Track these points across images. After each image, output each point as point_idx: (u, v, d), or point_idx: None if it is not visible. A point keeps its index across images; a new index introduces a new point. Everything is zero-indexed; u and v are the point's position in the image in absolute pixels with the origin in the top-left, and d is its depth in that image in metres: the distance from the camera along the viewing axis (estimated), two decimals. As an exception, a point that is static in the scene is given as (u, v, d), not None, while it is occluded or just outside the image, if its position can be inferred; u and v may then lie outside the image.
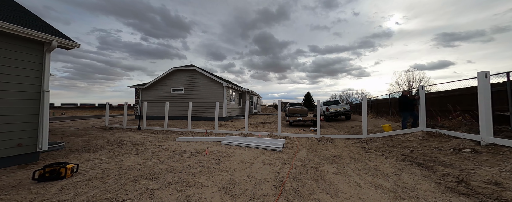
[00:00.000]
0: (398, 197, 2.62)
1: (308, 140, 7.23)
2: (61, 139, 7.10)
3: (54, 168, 3.22)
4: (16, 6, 5.17)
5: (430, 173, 3.45)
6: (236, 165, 4.04)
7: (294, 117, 12.34)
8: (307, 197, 2.63)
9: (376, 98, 17.95)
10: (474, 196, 2.55)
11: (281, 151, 5.35)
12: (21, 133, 4.04)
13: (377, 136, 7.20)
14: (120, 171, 3.68)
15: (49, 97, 4.36)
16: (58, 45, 4.40)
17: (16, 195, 2.68)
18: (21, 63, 4.06)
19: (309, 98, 57.34)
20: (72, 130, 10.18)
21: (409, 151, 5.06)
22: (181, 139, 7.11)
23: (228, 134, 8.64)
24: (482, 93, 4.83)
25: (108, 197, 2.60)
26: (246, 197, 2.63)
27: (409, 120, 8.06)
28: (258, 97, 33.48)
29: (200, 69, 17.38)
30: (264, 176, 3.43)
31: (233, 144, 6.25)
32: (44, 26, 4.57)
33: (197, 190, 2.83)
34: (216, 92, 16.21)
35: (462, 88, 7.41)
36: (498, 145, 4.43)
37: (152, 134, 8.96)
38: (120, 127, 11.22)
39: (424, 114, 7.12)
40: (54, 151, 5.29)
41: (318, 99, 8.47)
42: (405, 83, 27.89)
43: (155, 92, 17.68)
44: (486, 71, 4.88)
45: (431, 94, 9.32)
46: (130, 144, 6.42)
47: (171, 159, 4.50)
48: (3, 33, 3.79)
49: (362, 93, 43.43)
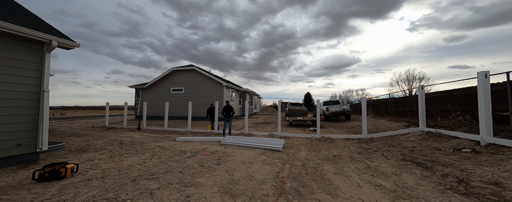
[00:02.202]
0: (398, 197, 2.62)
1: (308, 140, 7.23)
2: (61, 139, 7.09)
3: (54, 168, 3.22)
4: (16, 6, 5.16)
5: (430, 173, 3.45)
6: (236, 165, 4.04)
7: (294, 117, 12.34)
8: (307, 197, 2.63)
9: (376, 99, 17.96)
10: (474, 196, 2.55)
11: (281, 151, 5.35)
12: (21, 133, 4.04)
13: (377, 136, 7.20)
14: (120, 171, 3.68)
15: (49, 97, 4.36)
16: (58, 45, 4.40)
17: (16, 195, 2.68)
18: (21, 63, 4.06)
19: (309, 99, 57.37)
20: (72, 130, 10.17)
21: (409, 151, 5.06)
22: (181, 139, 7.11)
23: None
24: (482, 93, 4.83)
25: (108, 197, 2.60)
26: (246, 197, 2.63)
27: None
28: (258, 97, 33.47)
29: (200, 69, 17.38)
30: (264, 176, 3.43)
31: (233, 144, 6.25)
32: (44, 26, 4.57)
33: (197, 190, 2.83)
34: (216, 92, 16.20)
35: (462, 88, 7.41)
36: (498, 145, 4.43)
37: (152, 134, 8.96)
38: (120, 127, 11.22)
39: (424, 114, 7.12)
40: (54, 151, 5.29)
41: (318, 99, 8.48)
42: (405, 83, 27.90)
43: (155, 92, 17.67)
44: (486, 71, 4.88)
45: (431, 94, 9.31)
46: (130, 144, 6.42)
47: (171, 159, 4.50)
48: (3, 33, 3.79)
49: (362, 93, 43.44)
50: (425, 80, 26.38)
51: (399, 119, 10.32)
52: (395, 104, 13.15)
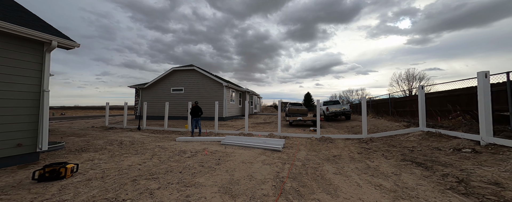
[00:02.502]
0: (398, 197, 2.62)
1: (308, 140, 7.23)
2: (61, 139, 7.09)
3: (54, 168, 3.22)
4: (16, 6, 5.16)
5: (430, 173, 3.45)
6: (236, 165, 4.04)
7: (294, 117, 12.34)
8: (307, 197, 2.63)
9: (376, 99, 17.95)
10: (474, 196, 2.55)
11: (281, 151, 5.35)
12: (21, 133, 4.04)
13: (377, 136, 7.20)
14: (120, 171, 3.68)
15: (49, 97, 4.36)
16: (58, 45, 4.40)
17: (16, 195, 2.68)
18: (21, 63, 4.06)
19: (309, 99, 57.37)
20: (72, 130, 10.17)
21: (409, 151, 5.06)
22: (181, 139, 7.11)
23: (228, 134, 8.64)
24: (482, 93, 4.83)
25: (108, 197, 2.60)
26: (246, 197, 2.63)
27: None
28: (258, 97, 33.47)
29: (200, 69, 17.38)
30: (264, 176, 3.43)
31: (233, 144, 6.25)
32: (44, 26, 4.57)
33: (197, 190, 2.83)
34: (216, 92, 16.20)
35: (461, 88, 7.41)
36: (498, 145, 4.43)
37: (152, 134, 8.96)
38: (120, 127, 11.22)
39: (424, 114, 7.12)
40: (54, 151, 5.29)
41: (318, 99, 8.48)
42: (405, 83, 27.90)
43: (155, 92, 17.67)
44: (486, 71, 4.88)
45: (431, 94, 9.31)
46: (130, 144, 6.42)
47: (171, 159, 4.50)
48: (3, 33, 3.79)
49: (362, 93, 43.44)
50: (425, 80, 26.41)
51: (399, 119, 10.31)
52: (395, 104, 13.14)
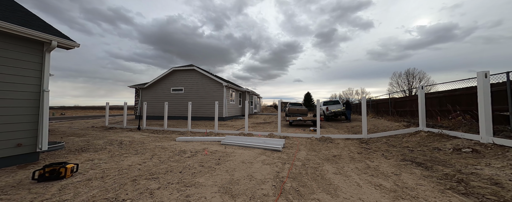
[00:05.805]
0: (398, 197, 2.62)
1: (308, 140, 7.23)
2: (61, 139, 7.09)
3: (54, 168, 3.22)
4: (16, 6, 5.16)
5: (430, 173, 3.45)
6: (236, 165, 4.05)
7: (294, 117, 12.34)
8: (307, 197, 2.63)
9: (376, 98, 17.96)
10: (474, 196, 2.55)
11: (281, 151, 5.35)
12: (21, 133, 4.04)
13: (377, 136, 7.20)
14: (120, 171, 3.68)
15: (49, 97, 4.36)
16: (58, 45, 4.40)
17: (16, 195, 2.67)
18: (21, 63, 4.06)
19: (309, 98, 57.39)
20: (72, 129, 10.17)
21: (409, 150, 5.06)
22: (181, 139, 7.11)
23: (228, 133, 8.64)
24: (481, 93, 4.83)
25: (108, 197, 2.60)
26: (246, 197, 2.63)
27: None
28: (258, 97, 33.47)
29: (200, 69, 17.38)
30: (264, 176, 3.43)
31: (233, 144, 6.25)
32: (44, 26, 4.57)
33: (197, 190, 2.83)
34: (215, 92, 16.20)
35: (461, 88, 7.42)
36: (497, 145, 4.43)
37: (152, 133, 8.96)
38: (120, 127, 11.22)
39: (424, 114, 7.12)
40: (54, 151, 5.28)
41: (318, 99, 8.48)
42: (405, 83, 27.93)
43: (155, 92, 17.67)
44: (486, 71, 4.88)
45: (431, 94, 9.31)
46: (130, 144, 6.42)
47: (171, 159, 4.50)
48: (3, 33, 3.79)
49: (362, 93, 43.46)
50: (425, 80, 26.43)
51: (399, 119, 10.32)
52: (395, 104, 13.15)
